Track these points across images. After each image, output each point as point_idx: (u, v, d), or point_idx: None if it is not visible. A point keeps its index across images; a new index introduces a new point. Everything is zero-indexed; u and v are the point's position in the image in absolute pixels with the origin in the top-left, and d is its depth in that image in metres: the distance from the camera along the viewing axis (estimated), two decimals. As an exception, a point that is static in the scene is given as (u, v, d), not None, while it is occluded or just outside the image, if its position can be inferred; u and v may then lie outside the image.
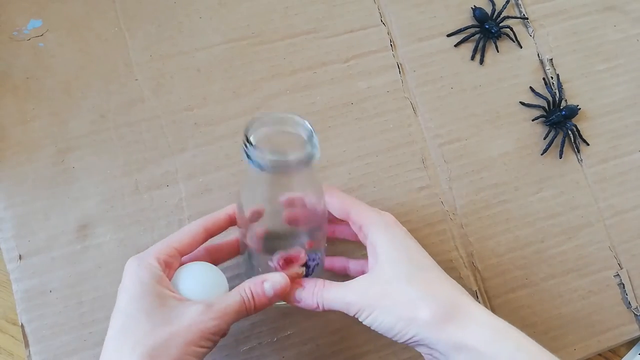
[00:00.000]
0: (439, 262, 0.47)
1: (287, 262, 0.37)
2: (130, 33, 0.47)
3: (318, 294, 0.36)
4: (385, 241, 0.36)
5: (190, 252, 0.38)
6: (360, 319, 0.35)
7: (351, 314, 0.35)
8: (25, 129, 0.44)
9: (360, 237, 0.38)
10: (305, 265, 0.38)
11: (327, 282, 0.37)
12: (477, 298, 0.47)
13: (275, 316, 0.45)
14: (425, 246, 0.47)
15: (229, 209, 0.39)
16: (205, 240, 0.38)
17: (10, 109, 0.44)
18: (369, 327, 0.35)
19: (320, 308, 0.36)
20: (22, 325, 0.42)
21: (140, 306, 0.33)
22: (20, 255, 0.43)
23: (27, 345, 0.42)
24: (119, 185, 0.45)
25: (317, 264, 0.39)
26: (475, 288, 0.47)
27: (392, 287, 0.35)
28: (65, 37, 0.46)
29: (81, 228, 0.44)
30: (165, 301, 0.33)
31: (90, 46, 0.46)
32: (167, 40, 0.47)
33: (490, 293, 0.48)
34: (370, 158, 0.48)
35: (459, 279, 0.47)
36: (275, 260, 0.37)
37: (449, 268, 0.47)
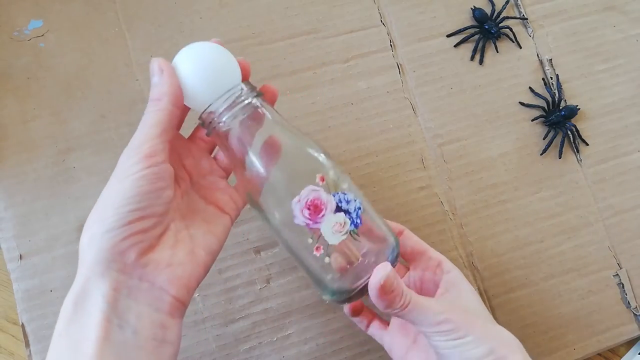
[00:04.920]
0: (439, 262, 0.47)
1: (314, 210, 0.32)
2: (130, 33, 0.47)
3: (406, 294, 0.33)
4: (468, 284, 0.38)
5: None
6: (441, 339, 0.33)
7: (431, 329, 0.33)
8: (26, 129, 0.44)
9: (432, 272, 0.39)
10: (341, 210, 0.32)
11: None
12: (476, 298, 0.47)
13: (276, 316, 0.45)
14: (425, 246, 0.47)
15: None
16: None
17: (11, 109, 0.45)
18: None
19: (405, 308, 0.32)
20: (22, 325, 0.42)
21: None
22: (20, 255, 0.43)
23: (27, 344, 0.42)
24: (119, 185, 0.45)
25: (360, 208, 0.33)
26: (475, 288, 0.47)
27: (486, 323, 0.35)
28: (65, 37, 0.46)
29: (81, 228, 0.43)
30: None
31: (91, 46, 0.46)
32: (167, 40, 0.47)
33: (490, 293, 0.48)
34: (370, 158, 0.48)
35: (459, 279, 0.47)
36: (298, 210, 0.32)
37: (449, 268, 0.47)
